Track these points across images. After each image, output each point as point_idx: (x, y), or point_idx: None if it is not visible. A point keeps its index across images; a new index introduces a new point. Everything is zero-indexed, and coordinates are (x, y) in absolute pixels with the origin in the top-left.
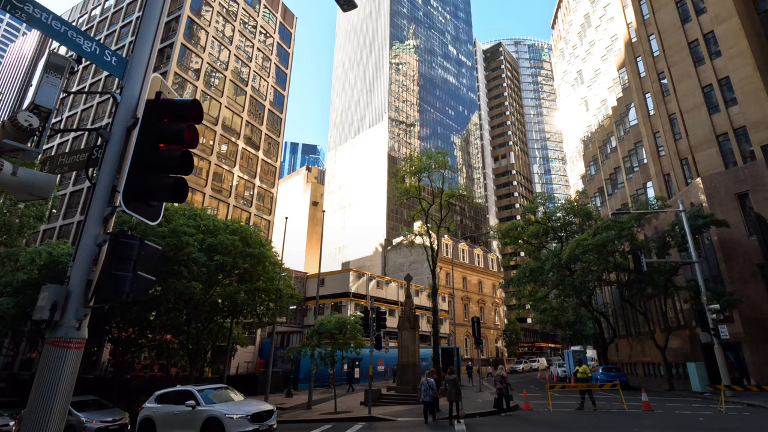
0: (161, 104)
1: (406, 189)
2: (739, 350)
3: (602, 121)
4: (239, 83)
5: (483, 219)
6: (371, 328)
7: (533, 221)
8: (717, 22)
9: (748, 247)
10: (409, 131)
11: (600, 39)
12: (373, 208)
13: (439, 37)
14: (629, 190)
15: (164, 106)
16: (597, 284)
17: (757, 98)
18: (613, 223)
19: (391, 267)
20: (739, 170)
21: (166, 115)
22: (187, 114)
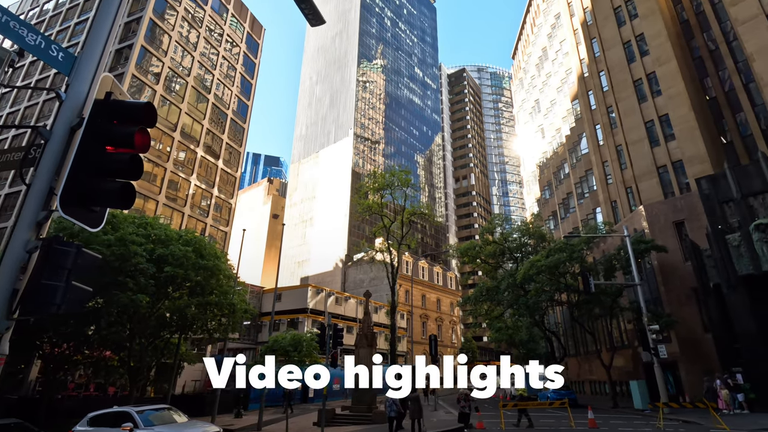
0: (111, 105)
1: (369, 205)
2: (676, 369)
3: (557, 148)
4: (202, 90)
5: (443, 237)
6: (327, 346)
7: (491, 241)
8: (658, 64)
9: (684, 271)
10: (374, 148)
11: (556, 71)
12: (335, 224)
13: (406, 59)
14: (580, 215)
15: (114, 107)
16: (549, 304)
17: (692, 135)
18: (564, 245)
19: (351, 283)
20: (677, 200)
21: (116, 117)
22: (139, 117)
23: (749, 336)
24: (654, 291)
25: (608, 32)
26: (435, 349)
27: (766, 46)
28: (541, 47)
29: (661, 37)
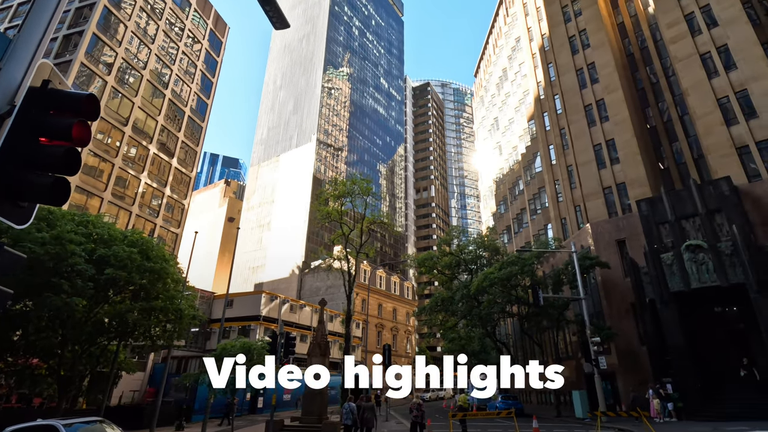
0: (48, 94)
1: (329, 212)
2: (614, 379)
3: (513, 165)
4: (158, 85)
5: (402, 247)
6: (278, 354)
7: (448, 252)
8: (606, 92)
9: (624, 287)
10: (337, 155)
11: (514, 92)
12: (293, 230)
13: (373, 69)
14: (532, 230)
15: (52, 96)
16: (501, 315)
17: (634, 160)
18: (517, 259)
19: (307, 291)
20: (619, 220)
21: (52, 107)
22: (79, 108)
23: (678, 349)
24: (597, 305)
25: (563, 59)
26: (389, 358)
27: (698, 83)
28: (502, 68)
29: (610, 68)
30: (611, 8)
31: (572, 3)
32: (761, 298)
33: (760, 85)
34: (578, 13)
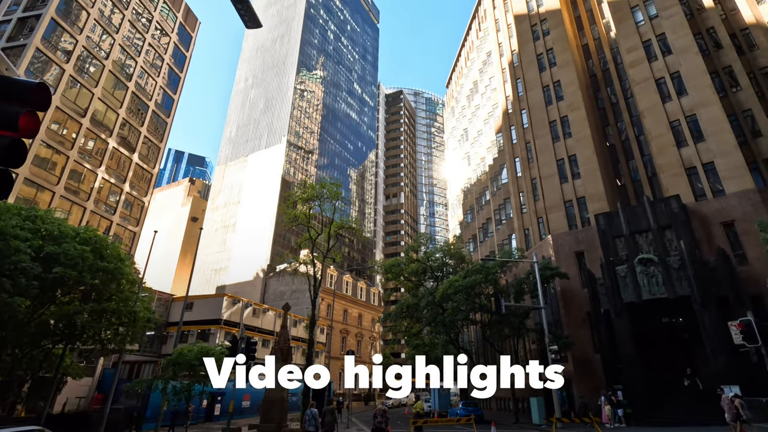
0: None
1: (296, 215)
2: (570, 387)
3: (480, 175)
4: (121, 77)
5: (370, 253)
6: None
7: (415, 259)
8: (570, 110)
9: (582, 297)
10: (307, 158)
11: (484, 105)
12: (259, 232)
13: (346, 74)
14: (497, 240)
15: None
16: (464, 323)
17: (594, 176)
18: (481, 267)
19: (271, 295)
20: (579, 232)
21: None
22: (28, 97)
23: (629, 357)
24: (556, 314)
25: (531, 75)
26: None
27: (653, 106)
28: (473, 80)
29: (574, 86)
30: (577, 30)
31: (541, 23)
32: (704, 311)
33: (707, 111)
34: (546, 32)
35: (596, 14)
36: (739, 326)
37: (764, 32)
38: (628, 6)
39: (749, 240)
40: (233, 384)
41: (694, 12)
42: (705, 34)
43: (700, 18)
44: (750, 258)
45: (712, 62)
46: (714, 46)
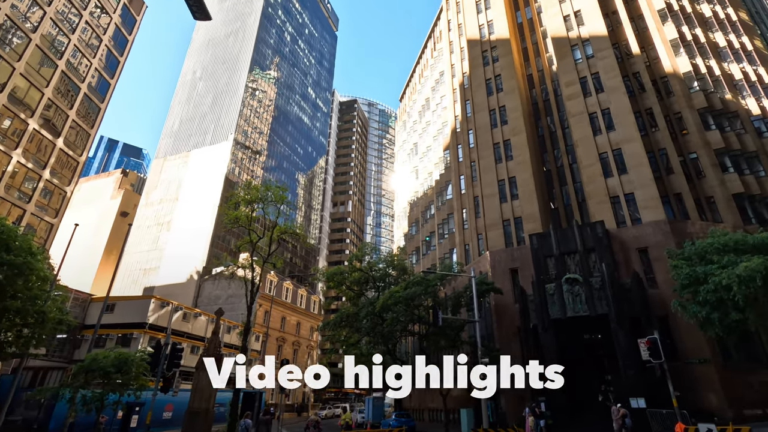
0: None
1: (237, 217)
2: (499, 398)
3: (427, 190)
4: (50, 53)
5: (313, 260)
6: (161, 367)
7: (358, 268)
8: (512, 134)
9: (514, 312)
10: (254, 159)
11: (435, 121)
12: (197, 232)
13: (301, 77)
14: (439, 253)
15: None
16: (402, 334)
17: (530, 198)
18: (422, 279)
19: (205, 298)
20: (514, 250)
21: None
22: None
23: None
24: (489, 327)
25: (479, 98)
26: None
27: (586, 137)
28: (426, 97)
29: (517, 112)
30: (523, 60)
31: (491, 50)
32: (619, 329)
33: (630, 147)
34: (496, 59)
35: (541, 48)
36: (647, 344)
37: (679, 81)
38: (569, 44)
39: (659, 265)
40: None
41: (624, 57)
42: (632, 78)
43: (628, 63)
44: (659, 282)
45: (637, 103)
46: (639, 88)
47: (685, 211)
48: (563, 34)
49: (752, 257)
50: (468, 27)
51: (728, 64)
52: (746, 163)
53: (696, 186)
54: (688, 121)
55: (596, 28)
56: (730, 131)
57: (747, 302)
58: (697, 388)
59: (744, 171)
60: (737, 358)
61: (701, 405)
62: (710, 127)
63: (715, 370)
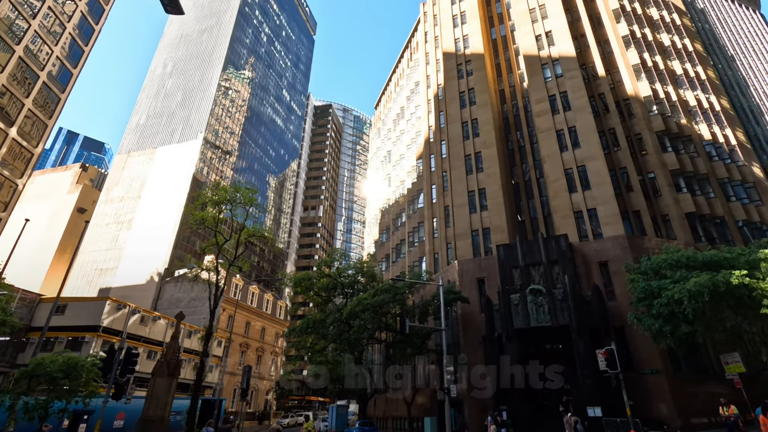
0: None
1: (204, 218)
2: (462, 406)
3: (399, 198)
4: (7, 38)
5: (281, 264)
6: (114, 373)
7: (327, 274)
8: (483, 147)
9: (479, 321)
10: (224, 159)
11: (409, 130)
12: (160, 232)
13: (277, 79)
14: (408, 261)
15: None
16: (369, 341)
17: (499, 209)
18: (390, 287)
19: (166, 301)
20: (482, 260)
21: None
22: None
23: (515, 380)
24: (455, 336)
25: (453, 110)
26: (247, 381)
27: (553, 153)
28: (401, 106)
29: (489, 126)
30: (496, 75)
31: (466, 63)
32: (579, 340)
33: (594, 164)
34: (470, 73)
35: (513, 64)
36: (605, 354)
37: (640, 104)
38: (540, 63)
39: (618, 279)
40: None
41: (590, 78)
42: (597, 98)
43: (594, 84)
44: (617, 294)
45: (601, 123)
46: (603, 109)
47: (642, 228)
48: (534, 53)
49: (701, 273)
50: (444, 40)
51: (684, 91)
52: (698, 184)
53: (653, 204)
54: (647, 143)
55: (566, 49)
56: (684, 154)
57: (696, 316)
58: (650, 397)
59: (696, 192)
60: (686, 369)
61: (653, 414)
62: (667, 149)
63: (666, 381)
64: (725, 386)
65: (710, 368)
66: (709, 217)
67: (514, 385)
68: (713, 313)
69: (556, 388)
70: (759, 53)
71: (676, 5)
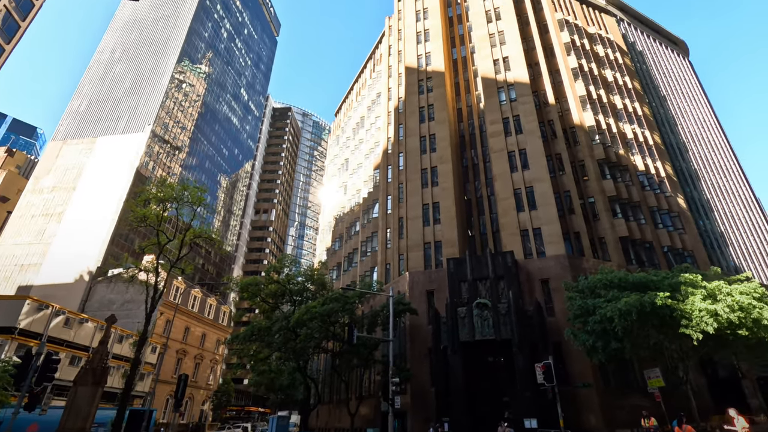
0: None
1: (146, 215)
2: (405, 418)
3: (354, 206)
4: None
5: (228, 268)
6: (29, 380)
7: (275, 280)
8: (440, 162)
9: (427, 333)
10: (173, 155)
11: (367, 140)
12: (94, 227)
13: (235, 77)
14: (360, 270)
15: None
16: (316, 351)
17: (451, 224)
18: (340, 296)
19: (96, 303)
20: (432, 273)
21: None
22: None
23: (458, 391)
24: (402, 347)
25: (412, 123)
26: (183, 390)
27: (503, 173)
28: (361, 115)
29: (446, 142)
30: (455, 94)
31: (427, 80)
32: (519, 353)
33: (540, 186)
34: (430, 89)
35: (471, 85)
36: (542, 368)
37: (585, 133)
38: (496, 86)
39: (557, 296)
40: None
41: (542, 104)
42: (546, 124)
43: (545, 110)
44: (557, 311)
45: (549, 147)
46: (552, 134)
47: (581, 249)
48: (492, 76)
49: (631, 294)
50: (407, 55)
51: (623, 124)
52: (631, 211)
53: (592, 227)
54: (589, 169)
55: (520, 75)
56: (621, 182)
57: (625, 333)
58: (581, 409)
59: (629, 218)
60: (614, 383)
61: (583, 425)
62: (606, 177)
63: (596, 394)
64: (647, 399)
65: (635, 382)
66: (639, 242)
67: (457, 396)
68: (640, 331)
69: (496, 400)
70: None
71: (619, 45)
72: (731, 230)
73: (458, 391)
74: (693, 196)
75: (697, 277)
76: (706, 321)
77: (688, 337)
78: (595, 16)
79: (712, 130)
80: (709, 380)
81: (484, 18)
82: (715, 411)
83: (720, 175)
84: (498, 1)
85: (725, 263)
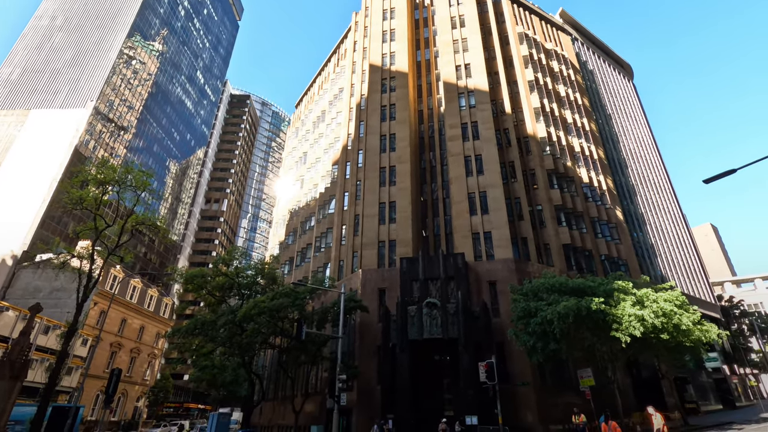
0: None
1: (83, 197)
2: (351, 415)
3: (310, 201)
4: None
5: (173, 258)
6: None
7: (223, 273)
8: (398, 162)
9: (376, 331)
10: (118, 135)
11: (327, 135)
12: (21, 207)
13: (191, 59)
14: (313, 266)
15: None
16: (262, 346)
17: (406, 223)
18: (291, 291)
19: (20, 290)
20: (385, 271)
21: None
22: None
23: (404, 389)
24: (351, 344)
25: (373, 121)
26: (115, 386)
27: (459, 177)
28: (322, 109)
29: (405, 142)
30: (417, 96)
31: (390, 79)
32: (465, 353)
33: (493, 191)
34: (393, 89)
35: (433, 88)
36: (485, 367)
37: (536, 144)
38: (457, 91)
39: (503, 298)
40: None
41: (499, 113)
42: (502, 132)
43: (501, 119)
44: (502, 312)
45: (503, 155)
46: (506, 142)
47: (528, 253)
48: (453, 81)
49: (570, 298)
50: (372, 53)
51: (572, 138)
52: (574, 220)
53: (538, 233)
54: (539, 178)
55: (480, 83)
56: (567, 192)
57: (562, 335)
58: (519, 407)
59: (573, 226)
60: (550, 382)
61: (520, 422)
62: (554, 186)
63: (534, 392)
64: (579, 398)
65: (569, 382)
66: (580, 249)
67: (402, 394)
68: (576, 333)
69: (440, 398)
70: (629, 116)
71: (572, 63)
72: (660, 242)
73: (404, 389)
74: (630, 210)
75: (628, 285)
76: (634, 325)
77: (617, 339)
78: (552, 33)
79: (649, 149)
80: (634, 380)
81: (449, 24)
82: (637, 408)
83: (654, 191)
84: (463, 9)
85: (653, 272)
